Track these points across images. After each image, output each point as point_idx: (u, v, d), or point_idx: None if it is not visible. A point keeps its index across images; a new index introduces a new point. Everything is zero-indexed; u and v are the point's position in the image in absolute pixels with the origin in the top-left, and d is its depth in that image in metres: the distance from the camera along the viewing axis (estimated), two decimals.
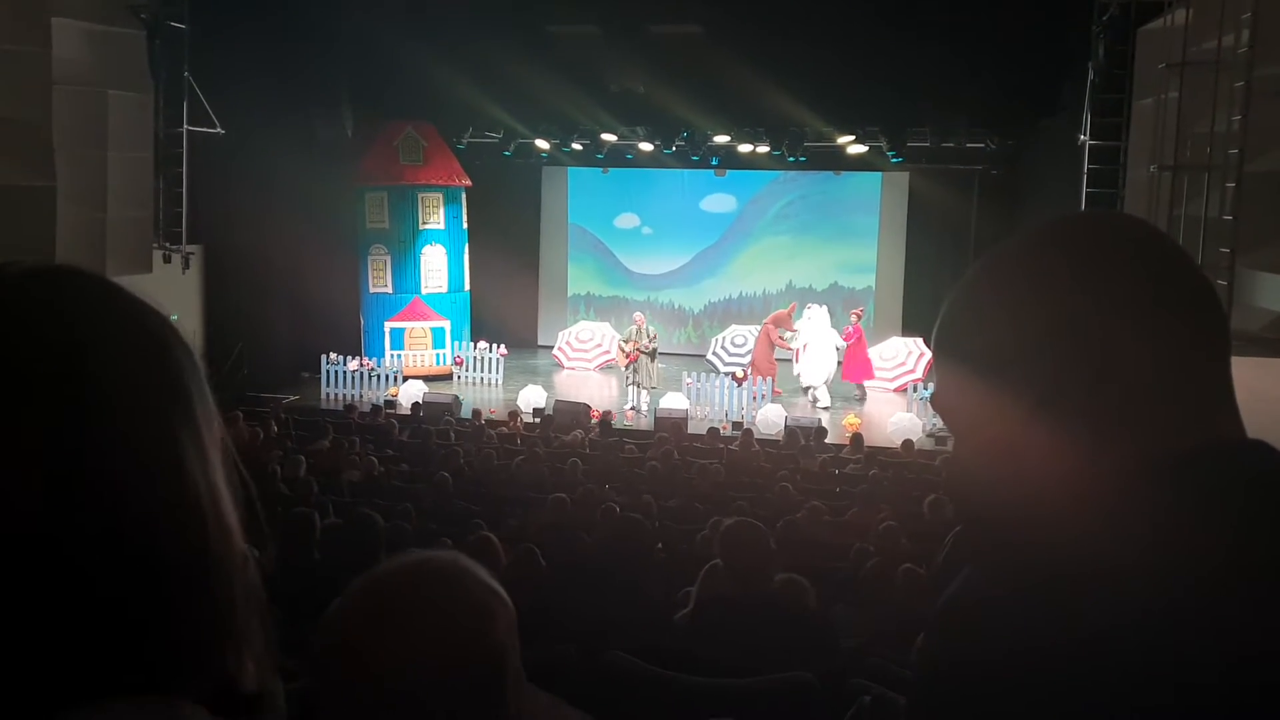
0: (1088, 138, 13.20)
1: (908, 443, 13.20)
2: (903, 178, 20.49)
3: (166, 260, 15.78)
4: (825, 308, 17.90)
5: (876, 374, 18.23)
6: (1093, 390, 0.84)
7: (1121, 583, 0.76)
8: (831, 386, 17.29)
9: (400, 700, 1.05)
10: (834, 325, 17.50)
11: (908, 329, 19.54)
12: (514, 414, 14.70)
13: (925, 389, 15.88)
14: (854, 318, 17.68)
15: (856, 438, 13.26)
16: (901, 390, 17.38)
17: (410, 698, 1.06)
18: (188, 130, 15.75)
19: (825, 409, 16.82)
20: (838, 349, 17.30)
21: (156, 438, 0.77)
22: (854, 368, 17.60)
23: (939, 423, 13.85)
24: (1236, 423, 0.87)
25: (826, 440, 14.11)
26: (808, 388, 17.28)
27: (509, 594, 1.22)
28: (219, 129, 15.98)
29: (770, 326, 17.68)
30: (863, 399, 17.52)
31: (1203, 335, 0.87)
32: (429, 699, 1.07)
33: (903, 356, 18.22)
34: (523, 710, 1.07)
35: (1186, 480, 0.81)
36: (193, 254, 16.47)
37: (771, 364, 17.39)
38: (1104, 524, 0.81)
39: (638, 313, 17.86)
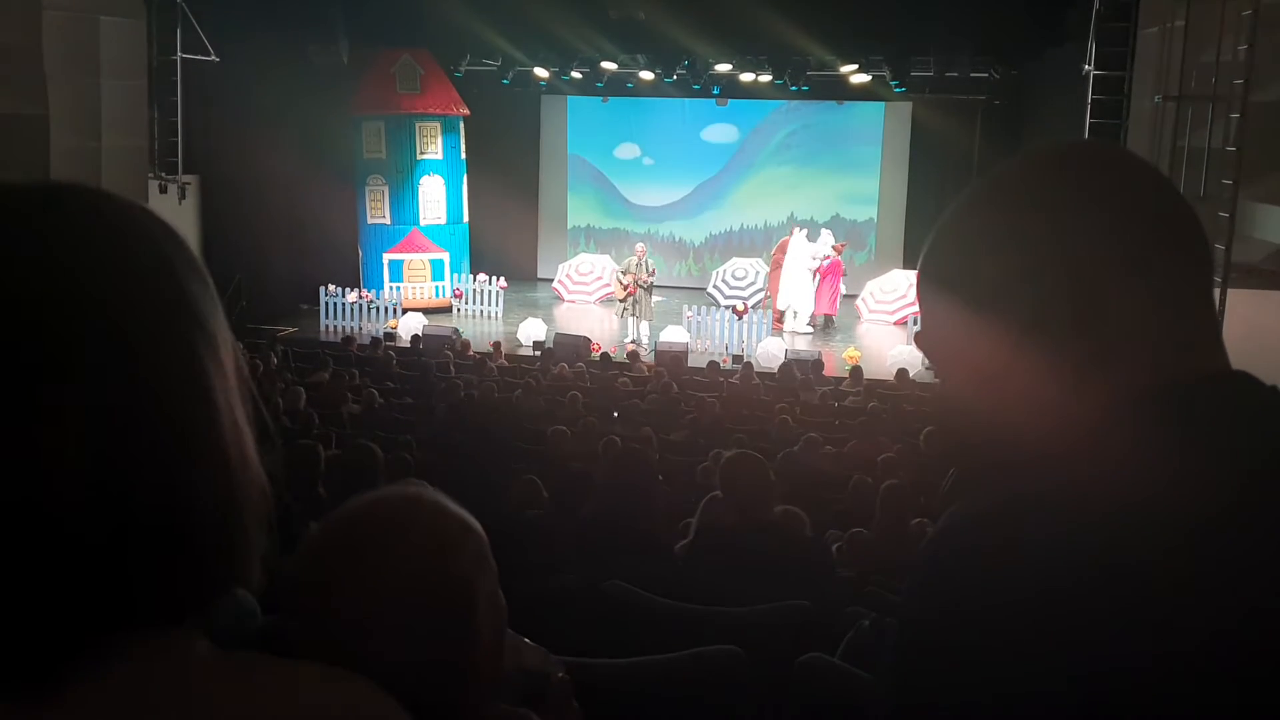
0: (1092, 67, 13.04)
1: (901, 372, 13.25)
2: (906, 108, 20.27)
3: (163, 190, 15.70)
4: (805, 232, 18.14)
5: (876, 306, 18.26)
6: (1078, 320, 0.84)
7: (1106, 513, 0.77)
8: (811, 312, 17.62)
9: (364, 636, 1.06)
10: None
11: (909, 261, 19.46)
12: (497, 345, 14.68)
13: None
14: (834, 251, 17.70)
15: (856, 370, 13.29)
16: (902, 323, 17.38)
17: (373, 633, 1.07)
18: (182, 58, 15.56)
19: (801, 334, 17.03)
20: (810, 271, 17.51)
21: (183, 369, 0.76)
22: (820, 299, 17.73)
23: None
24: (1221, 355, 0.87)
25: (825, 373, 14.13)
26: (783, 310, 17.41)
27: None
28: (214, 57, 15.79)
29: (780, 256, 17.82)
30: (826, 330, 17.62)
31: (1189, 268, 0.86)
32: (392, 633, 1.08)
33: (903, 289, 18.18)
34: (499, 639, 1.07)
35: (1169, 411, 0.81)
36: (189, 184, 16.39)
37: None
38: (1087, 455, 0.81)
39: (640, 244, 17.80)
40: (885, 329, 17.73)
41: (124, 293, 0.75)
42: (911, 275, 18.14)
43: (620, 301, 16.72)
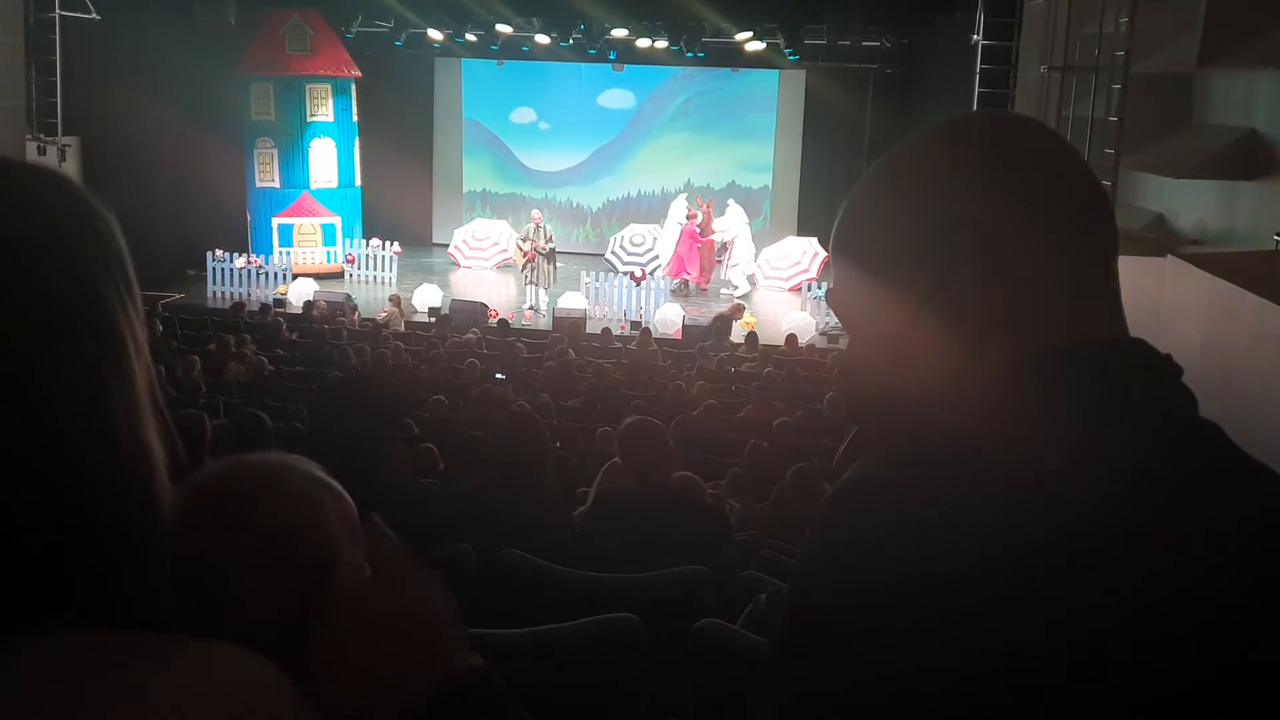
0: (981, 38, 13.30)
1: (791, 337, 13.44)
2: (799, 76, 20.44)
3: (41, 152, 15.07)
4: (684, 198, 18.80)
5: (771, 273, 18.44)
6: (978, 287, 0.85)
7: (1000, 478, 0.77)
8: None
9: (226, 593, 1.06)
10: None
11: (803, 228, 19.71)
12: (353, 308, 14.72)
13: (820, 288, 16.14)
14: (687, 218, 18.06)
15: (751, 336, 13.42)
16: (796, 289, 17.59)
17: (233, 581, 1.07)
18: (61, 15, 14.91)
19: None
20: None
21: (80, 383, 0.70)
22: (676, 264, 17.98)
23: (832, 321, 14.13)
24: (1120, 322, 0.88)
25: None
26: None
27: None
28: (94, 14, 15.17)
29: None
30: (684, 294, 17.77)
31: (1090, 236, 0.87)
32: (253, 582, 1.08)
33: (797, 256, 18.40)
34: (359, 599, 1.06)
35: (1064, 376, 0.82)
36: (69, 146, 15.78)
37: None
38: (983, 418, 0.82)
39: (535, 210, 17.69)
40: (780, 295, 17.93)
41: (14, 290, 0.67)
42: (805, 242, 18.43)
43: (521, 269, 16.65)
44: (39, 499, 0.68)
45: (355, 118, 18.44)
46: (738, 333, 14.37)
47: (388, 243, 18.23)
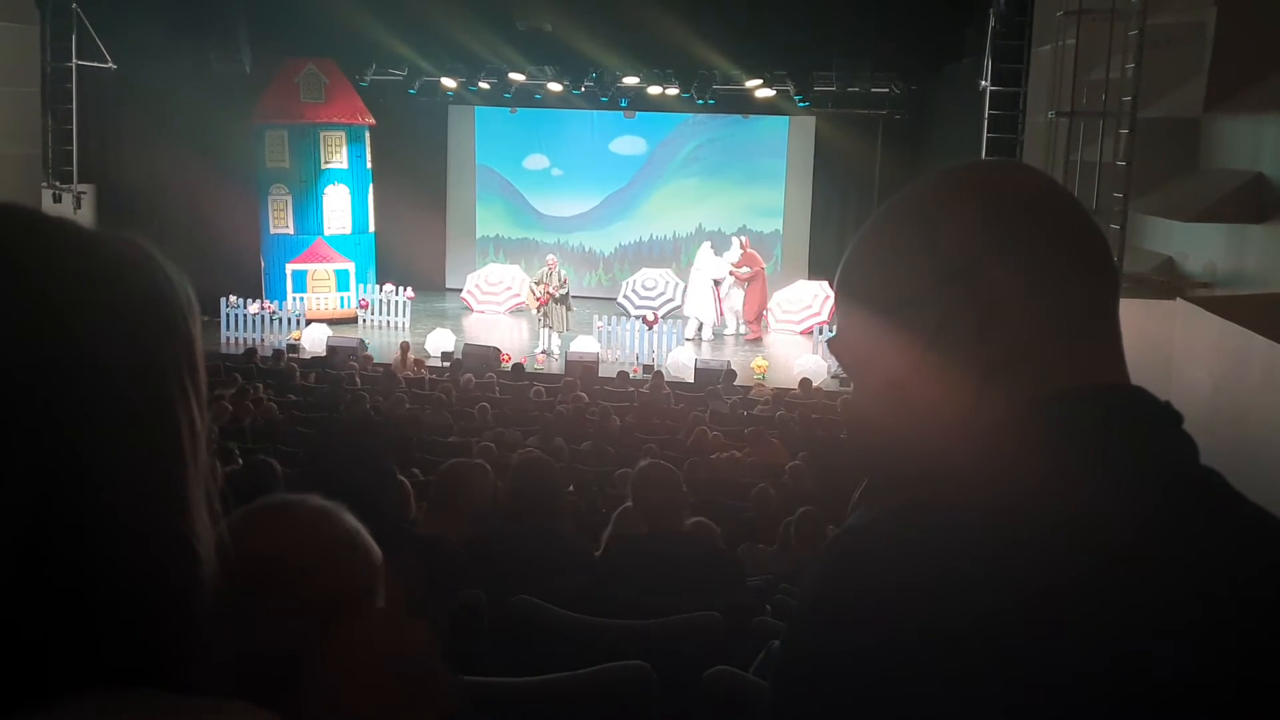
0: (989, 84, 13.38)
1: (805, 381, 13.42)
2: (809, 122, 20.58)
3: (57, 200, 15.24)
4: (710, 245, 18.62)
5: (783, 317, 18.50)
6: (980, 334, 0.86)
7: (993, 524, 0.78)
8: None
9: (253, 619, 1.08)
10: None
11: (814, 273, 19.75)
12: (367, 354, 14.81)
13: (830, 331, 16.13)
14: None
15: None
16: (808, 333, 17.60)
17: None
18: (77, 65, 15.14)
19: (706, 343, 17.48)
20: (713, 282, 17.97)
21: (134, 485, 0.68)
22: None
23: None
24: (1121, 368, 0.89)
25: (735, 383, 14.27)
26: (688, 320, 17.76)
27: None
28: (110, 64, 15.40)
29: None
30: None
31: (1090, 281, 0.88)
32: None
33: (808, 300, 18.43)
34: (362, 638, 1.08)
35: (1064, 422, 0.83)
36: (84, 193, 15.96)
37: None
38: (984, 465, 0.82)
39: (551, 255, 17.78)
40: (792, 339, 17.94)
41: (73, 379, 0.66)
42: (816, 286, 18.46)
43: (535, 312, 16.73)
44: (76, 580, 0.67)
45: (369, 164, 18.61)
46: (749, 377, 14.37)
47: (401, 288, 18.31)
